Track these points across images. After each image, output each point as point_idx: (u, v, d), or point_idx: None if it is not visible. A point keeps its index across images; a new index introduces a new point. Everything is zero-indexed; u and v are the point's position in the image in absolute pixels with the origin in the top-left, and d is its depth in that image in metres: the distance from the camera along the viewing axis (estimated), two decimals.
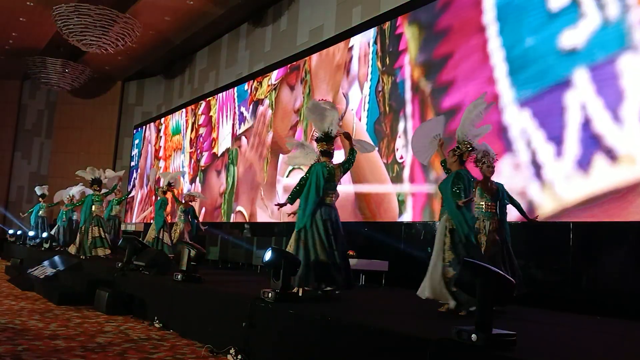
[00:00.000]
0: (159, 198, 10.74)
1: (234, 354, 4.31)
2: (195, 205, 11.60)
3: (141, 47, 15.90)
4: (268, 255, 4.63)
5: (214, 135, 14.92)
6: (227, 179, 13.83)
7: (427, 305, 4.62)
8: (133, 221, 18.51)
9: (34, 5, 13.82)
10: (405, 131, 8.66)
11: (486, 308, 2.80)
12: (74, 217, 13.42)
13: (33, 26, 15.17)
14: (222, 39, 15.13)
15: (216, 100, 15.01)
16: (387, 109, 9.01)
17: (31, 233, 14.50)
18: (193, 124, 16.22)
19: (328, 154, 5.40)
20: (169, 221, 11.00)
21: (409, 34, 8.91)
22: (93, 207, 10.18)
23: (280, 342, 4.11)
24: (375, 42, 9.52)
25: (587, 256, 5.92)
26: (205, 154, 15.22)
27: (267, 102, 12.59)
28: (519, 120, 6.89)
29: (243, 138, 13.30)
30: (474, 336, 2.77)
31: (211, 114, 15.30)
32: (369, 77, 9.55)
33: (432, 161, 7.49)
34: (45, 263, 9.48)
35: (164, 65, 18.06)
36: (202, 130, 15.65)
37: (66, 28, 13.28)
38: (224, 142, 14.32)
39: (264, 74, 12.62)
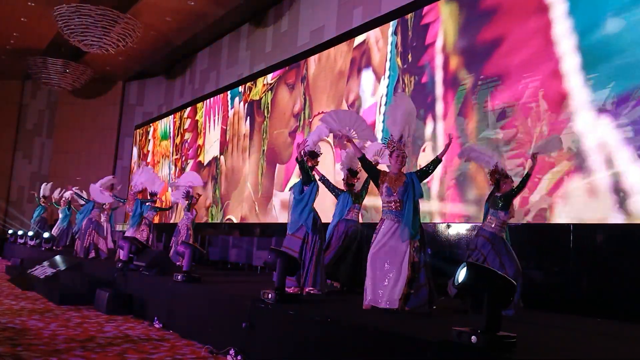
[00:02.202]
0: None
1: (233, 354, 4.31)
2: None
3: (142, 48, 15.90)
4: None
5: (199, 141, 14.61)
6: (214, 191, 13.52)
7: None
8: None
9: (35, 6, 13.83)
10: (434, 137, 7.48)
11: (493, 311, 2.80)
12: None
13: (34, 26, 15.19)
14: (223, 40, 15.14)
15: (203, 103, 14.79)
16: None
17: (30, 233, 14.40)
18: (179, 128, 15.89)
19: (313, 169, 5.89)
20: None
21: (445, 13, 7.54)
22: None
23: (280, 343, 4.10)
24: (395, 33, 8.44)
25: (588, 258, 5.90)
26: (191, 162, 14.87)
27: (242, 107, 12.38)
28: (595, 131, 5.48)
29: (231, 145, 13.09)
30: (473, 338, 2.78)
31: (197, 117, 14.97)
32: (387, 74, 8.45)
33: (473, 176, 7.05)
34: (46, 263, 9.48)
35: (165, 66, 18.07)
36: (187, 136, 15.26)
37: (67, 28, 13.28)
38: (211, 150, 13.99)
39: (264, 74, 12.60)
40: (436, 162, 4.76)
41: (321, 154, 6.10)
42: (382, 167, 5.35)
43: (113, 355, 4.34)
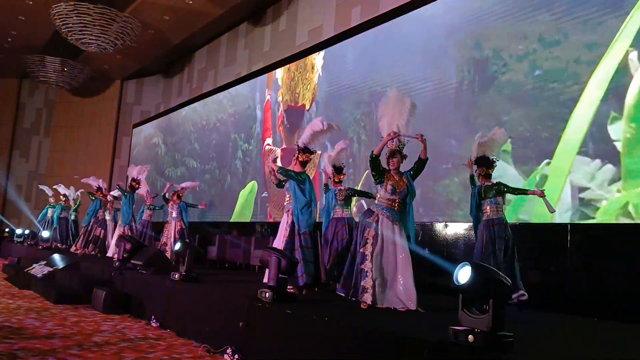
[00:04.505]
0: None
1: (230, 353, 4.30)
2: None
3: (140, 46, 15.88)
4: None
5: None
6: None
7: (424, 304, 4.62)
8: None
9: (33, 4, 13.80)
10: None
11: (498, 311, 2.80)
12: (72, 218, 13.60)
13: (32, 25, 15.15)
14: (221, 39, 15.13)
15: None
16: None
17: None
18: None
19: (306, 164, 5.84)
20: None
21: None
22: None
23: (277, 342, 4.10)
24: None
25: (585, 258, 5.91)
26: None
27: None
28: None
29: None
30: (470, 337, 2.77)
31: None
32: None
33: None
34: (43, 261, 9.46)
35: (163, 65, 18.04)
36: None
37: (65, 27, 13.27)
38: None
39: (262, 73, 12.58)
40: (421, 162, 4.79)
41: (315, 151, 6.04)
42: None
43: (110, 354, 4.33)
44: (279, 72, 11.89)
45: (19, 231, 15.57)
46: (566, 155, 5.18)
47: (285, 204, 5.83)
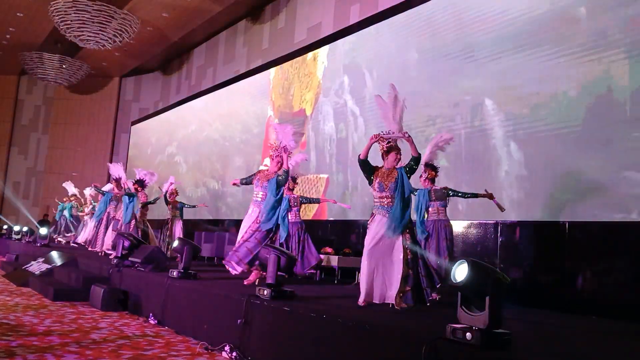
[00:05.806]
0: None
1: (229, 350, 4.30)
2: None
3: (139, 44, 15.86)
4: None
5: None
6: None
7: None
8: None
9: (31, 1, 13.77)
10: None
11: (495, 308, 2.80)
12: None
13: (31, 21, 15.13)
14: (219, 36, 15.12)
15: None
16: None
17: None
18: None
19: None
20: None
21: None
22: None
23: (275, 339, 4.10)
24: None
25: (583, 256, 5.91)
26: None
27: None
28: None
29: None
30: (468, 335, 2.77)
31: None
32: None
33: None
34: (41, 259, 9.46)
35: (162, 62, 18.03)
36: None
37: (64, 24, 13.26)
38: None
39: (261, 71, 12.57)
40: (414, 159, 4.66)
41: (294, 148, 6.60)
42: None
43: (108, 351, 4.33)
44: (272, 73, 11.76)
45: (16, 228, 15.55)
46: None
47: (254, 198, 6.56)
